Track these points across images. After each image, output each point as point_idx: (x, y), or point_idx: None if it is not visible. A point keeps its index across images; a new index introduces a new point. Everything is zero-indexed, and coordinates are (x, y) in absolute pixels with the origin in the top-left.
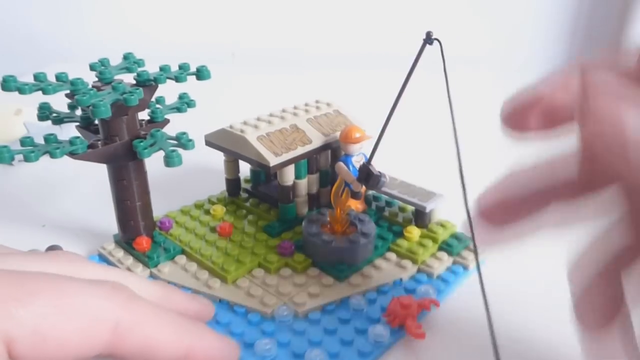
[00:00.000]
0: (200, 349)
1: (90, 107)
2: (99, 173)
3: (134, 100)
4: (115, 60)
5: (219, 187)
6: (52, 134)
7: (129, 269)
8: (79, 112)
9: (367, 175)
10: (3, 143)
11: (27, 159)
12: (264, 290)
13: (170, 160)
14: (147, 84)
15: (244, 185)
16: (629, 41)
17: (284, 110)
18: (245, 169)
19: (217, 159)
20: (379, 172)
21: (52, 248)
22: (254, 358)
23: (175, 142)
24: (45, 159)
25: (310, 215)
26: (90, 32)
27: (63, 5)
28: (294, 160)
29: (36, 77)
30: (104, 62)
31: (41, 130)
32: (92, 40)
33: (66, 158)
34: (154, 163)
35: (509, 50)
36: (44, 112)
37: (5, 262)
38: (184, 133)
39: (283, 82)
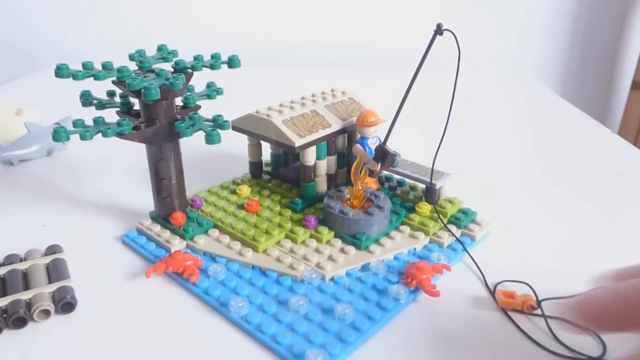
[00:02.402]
0: None
1: (142, 90)
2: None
3: (179, 84)
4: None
5: (240, 170)
6: (100, 117)
7: (167, 242)
8: (117, 98)
9: (383, 154)
10: (3, 142)
11: (82, 137)
12: (292, 258)
13: (211, 138)
14: (184, 71)
15: (264, 168)
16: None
17: (303, 98)
18: (266, 153)
19: (237, 145)
20: (394, 151)
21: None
22: (289, 312)
23: (211, 123)
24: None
25: (330, 192)
26: (90, 32)
27: (63, 6)
28: (316, 142)
29: (85, 65)
30: (141, 53)
31: (41, 129)
32: (92, 40)
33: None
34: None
35: (510, 53)
36: (87, 99)
37: None
38: (220, 115)
39: (294, 77)
